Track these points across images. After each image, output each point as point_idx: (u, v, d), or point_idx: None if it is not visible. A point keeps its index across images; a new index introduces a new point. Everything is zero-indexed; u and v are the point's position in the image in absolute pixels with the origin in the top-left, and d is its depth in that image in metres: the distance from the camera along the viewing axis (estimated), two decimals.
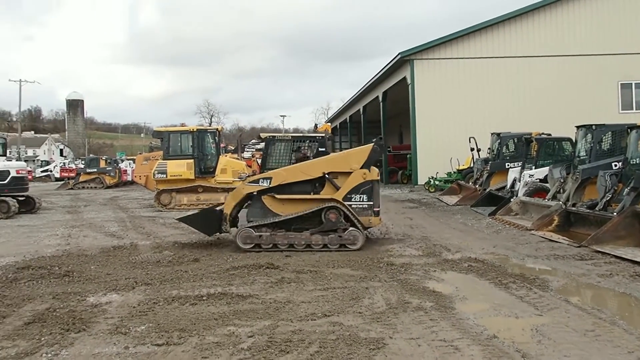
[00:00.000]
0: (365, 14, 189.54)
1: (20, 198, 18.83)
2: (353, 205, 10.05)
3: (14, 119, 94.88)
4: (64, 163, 59.09)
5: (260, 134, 11.13)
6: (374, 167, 10.38)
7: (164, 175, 19.32)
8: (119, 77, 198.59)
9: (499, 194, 17.09)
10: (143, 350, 5.00)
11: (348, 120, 47.56)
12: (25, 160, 48.12)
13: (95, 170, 39.02)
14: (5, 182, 18.15)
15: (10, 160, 20.56)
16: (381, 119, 33.35)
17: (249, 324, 5.69)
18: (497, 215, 14.41)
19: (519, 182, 16.02)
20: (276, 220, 10.04)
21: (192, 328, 5.56)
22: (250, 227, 9.99)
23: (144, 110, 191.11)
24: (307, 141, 11.14)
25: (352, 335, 5.25)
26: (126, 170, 41.50)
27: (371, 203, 10.15)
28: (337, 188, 10.11)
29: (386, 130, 33.77)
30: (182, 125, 23.68)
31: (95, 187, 37.41)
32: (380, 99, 33.08)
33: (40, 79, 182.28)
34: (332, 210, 10.00)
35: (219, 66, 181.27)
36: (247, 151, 29.03)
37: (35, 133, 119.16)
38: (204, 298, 6.71)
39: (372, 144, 10.45)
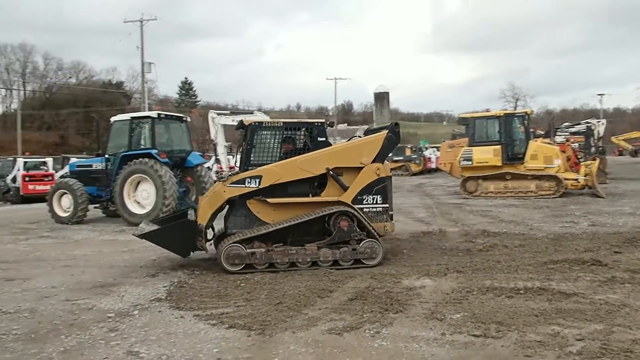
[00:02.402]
0: None
1: None
2: (365, 209, 8.24)
3: (331, 113, 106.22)
4: None
5: (243, 119, 8.69)
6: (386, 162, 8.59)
7: (470, 162, 19.10)
8: (423, 68, 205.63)
9: None
10: (460, 339, 4.85)
11: None
12: None
13: (401, 158, 41.02)
14: None
15: None
16: None
17: (576, 325, 5.09)
18: None
19: None
20: (269, 230, 7.94)
21: (510, 322, 5.21)
22: (237, 243, 7.79)
23: (447, 98, 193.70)
24: (303, 128, 8.73)
25: None
26: (430, 158, 42.56)
27: (386, 205, 8.39)
28: (345, 188, 8.28)
29: None
30: (487, 110, 23.06)
31: (402, 175, 39.31)
32: None
33: (353, 76, 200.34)
34: (344, 216, 8.08)
35: (528, 46, 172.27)
36: (559, 135, 26.85)
37: (347, 125, 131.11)
38: (521, 291, 6.27)
39: (386, 131, 8.50)
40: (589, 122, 32.62)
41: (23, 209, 20.91)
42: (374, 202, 8.30)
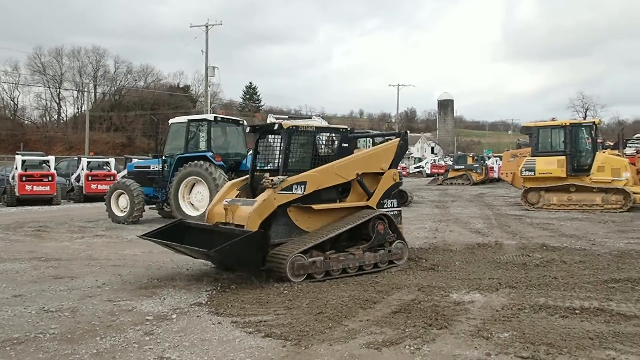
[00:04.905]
0: None
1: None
2: (386, 213, 8.56)
3: (393, 120, 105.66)
4: (434, 160, 62.86)
5: (282, 123, 8.44)
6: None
7: (532, 173, 18.43)
8: (492, 76, 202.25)
9: None
10: None
11: None
12: None
13: (462, 167, 40.23)
14: None
15: None
16: None
17: (635, 351, 4.69)
18: None
19: None
20: (329, 237, 7.79)
21: (562, 345, 4.85)
22: (300, 253, 7.45)
23: (515, 107, 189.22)
24: (333, 134, 8.85)
25: None
26: (492, 167, 41.59)
27: (400, 209, 9.00)
28: (369, 193, 8.54)
29: None
30: (553, 120, 22.24)
31: (462, 184, 38.55)
32: None
33: (420, 83, 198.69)
34: (379, 220, 8.37)
35: (603, 54, 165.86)
36: (630, 147, 25.59)
37: (410, 132, 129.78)
38: (577, 311, 5.87)
39: (398, 139, 8.96)
40: None
41: (84, 208, 21.73)
42: (392, 205, 8.79)
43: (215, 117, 15.15)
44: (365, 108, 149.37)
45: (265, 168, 8.67)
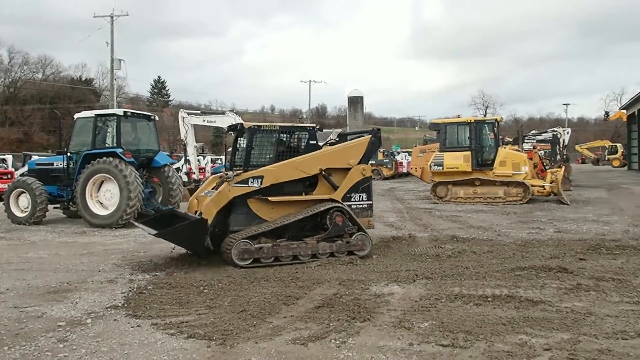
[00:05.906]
0: None
1: None
2: (353, 206, 9.12)
3: (304, 116, 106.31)
4: None
5: (243, 123, 9.33)
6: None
7: (440, 168, 19.16)
8: (401, 73, 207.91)
9: None
10: (427, 349, 4.72)
11: None
12: None
13: (373, 162, 41.01)
14: None
15: None
16: None
17: (544, 334, 5.01)
18: None
19: None
20: (277, 226, 8.48)
21: (478, 331, 5.10)
22: (247, 239, 8.18)
23: (422, 104, 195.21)
24: (297, 132, 9.44)
25: None
26: (402, 162, 42.78)
27: (371, 202, 9.44)
28: (335, 187, 9.09)
29: None
30: (458, 117, 23.30)
31: (374, 178, 39.15)
32: None
33: (331, 79, 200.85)
34: (338, 212, 8.82)
35: (505, 55, 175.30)
36: (527, 142, 27.32)
37: (322, 128, 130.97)
38: (489, 299, 6.19)
39: (370, 136, 9.47)
40: (555, 131, 33.22)
41: None
42: (361, 199, 9.21)
43: (125, 112, 14.52)
44: (277, 104, 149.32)
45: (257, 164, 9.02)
